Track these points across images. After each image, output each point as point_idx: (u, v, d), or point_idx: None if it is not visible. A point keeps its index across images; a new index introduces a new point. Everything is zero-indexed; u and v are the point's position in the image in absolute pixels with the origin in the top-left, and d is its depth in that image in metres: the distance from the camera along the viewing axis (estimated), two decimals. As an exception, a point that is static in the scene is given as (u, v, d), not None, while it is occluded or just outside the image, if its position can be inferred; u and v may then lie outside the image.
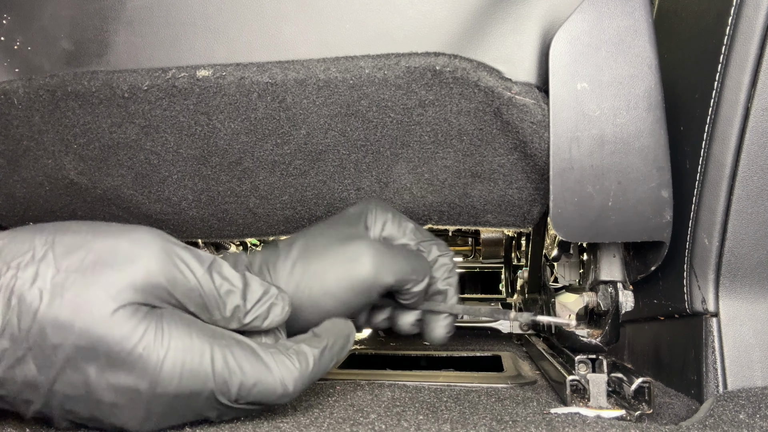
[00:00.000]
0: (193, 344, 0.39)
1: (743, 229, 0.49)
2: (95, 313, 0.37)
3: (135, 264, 0.38)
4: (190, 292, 0.40)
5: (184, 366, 0.38)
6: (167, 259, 0.39)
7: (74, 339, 0.36)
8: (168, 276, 0.39)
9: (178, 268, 0.39)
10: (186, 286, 0.40)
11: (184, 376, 0.38)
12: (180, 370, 0.38)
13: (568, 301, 0.68)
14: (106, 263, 0.38)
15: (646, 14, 0.48)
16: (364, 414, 0.46)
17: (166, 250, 0.39)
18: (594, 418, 0.44)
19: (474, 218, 0.60)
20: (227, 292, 0.41)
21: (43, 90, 0.53)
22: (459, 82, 0.49)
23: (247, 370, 0.40)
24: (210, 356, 0.39)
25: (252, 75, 0.50)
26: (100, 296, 0.37)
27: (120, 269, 0.38)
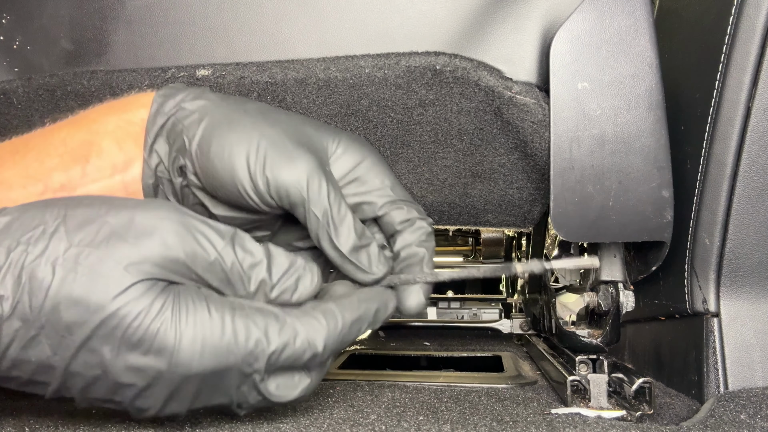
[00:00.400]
0: (213, 319, 0.37)
1: (744, 229, 0.49)
2: (110, 288, 0.35)
3: (151, 238, 0.36)
4: (211, 266, 0.38)
5: (205, 342, 0.36)
6: (185, 233, 0.37)
7: (88, 316, 0.35)
8: (187, 250, 0.37)
9: (197, 242, 0.37)
10: (206, 260, 0.38)
11: (206, 353, 0.36)
12: (200, 348, 0.36)
13: (568, 301, 0.68)
14: (121, 237, 0.36)
15: (646, 14, 0.47)
16: (364, 415, 0.46)
17: (184, 223, 0.37)
18: (595, 418, 0.44)
19: (474, 218, 0.60)
20: (251, 266, 0.39)
21: (43, 89, 0.53)
22: (459, 82, 0.49)
23: (272, 337, 0.38)
24: (232, 329, 0.37)
25: (252, 74, 0.50)
26: (116, 271, 0.35)
27: (136, 243, 0.36)
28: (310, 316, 0.39)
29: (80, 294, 0.35)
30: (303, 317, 0.39)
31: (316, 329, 0.39)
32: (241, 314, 0.38)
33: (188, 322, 0.36)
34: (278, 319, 0.38)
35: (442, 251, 1.33)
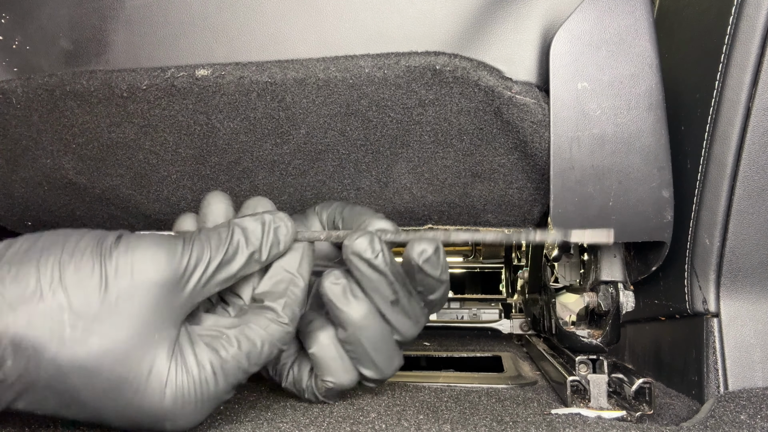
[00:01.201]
0: (205, 374, 0.38)
1: (744, 229, 0.49)
2: (128, 356, 0.35)
3: (147, 288, 0.36)
4: (203, 288, 0.39)
5: (204, 398, 0.38)
6: (174, 276, 0.37)
7: (99, 385, 0.35)
8: (182, 299, 0.37)
9: (185, 277, 0.38)
10: (198, 283, 0.38)
11: (204, 407, 0.38)
12: (200, 404, 0.38)
13: (568, 301, 0.68)
14: (119, 295, 0.35)
15: (646, 13, 0.47)
16: (364, 413, 0.45)
17: (170, 265, 0.37)
18: (595, 418, 0.44)
19: (474, 218, 0.60)
20: (235, 252, 0.40)
21: (42, 89, 0.53)
22: (459, 82, 0.49)
23: (253, 361, 0.40)
24: (223, 375, 0.38)
25: (251, 74, 0.50)
26: (131, 334, 0.35)
27: (137, 296, 0.35)
28: (263, 317, 0.42)
29: (93, 364, 0.35)
30: (259, 320, 0.41)
31: (276, 332, 0.41)
32: (227, 361, 0.39)
33: (188, 384, 0.37)
34: (251, 342, 0.40)
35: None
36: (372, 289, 0.44)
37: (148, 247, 0.37)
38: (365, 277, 0.43)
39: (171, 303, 0.37)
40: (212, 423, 0.44)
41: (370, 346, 0.44)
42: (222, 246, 0.40)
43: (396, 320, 0.45)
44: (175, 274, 0.37)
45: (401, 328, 0.45)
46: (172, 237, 0.39)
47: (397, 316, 0.45)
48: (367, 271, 0.43)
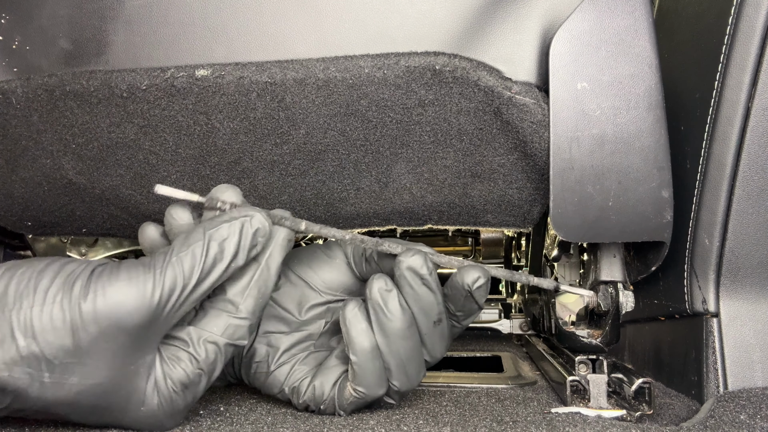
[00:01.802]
0: (176, 387, 0.40)
1: (744, 229, 0.49)
2: (105, 390, 0.37)
3: (128, 333, 0.37)
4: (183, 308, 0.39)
5: (175, 407, 0.41)
6: (146, 316, 0.37)
7: (82, 412, 0.38)
8: (156, 328, 0.38)
9: (159, 310, 0.38)
10: (172, 310, 0.39)
11: (179, 413, 0.42)
12: (176, 412, 0.41)
13: (568, 301, 0.68)
14: (98, 334, 0.36)
15: (646, 13, 0.47)
16: (364, 421, 0.45)
17: (141, 308, 0.37)
18: (595, 417, 0.44)
19: (474, 218, 0.60)
20: (211, 267, 0.39)
21: (42, 89, 0.53)
22: (459, 82, 0.49)
23: (217, 366, 0.41)
24: (191, 386, 0.41)
25: (251, 74, 0.50)
26: (106, 371, 0.37)
27: (116, 338, 0.36)
28: (223, 311, 0.42)
29: (72, 398, 0.38)
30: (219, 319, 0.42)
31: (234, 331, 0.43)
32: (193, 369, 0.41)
33: (164, 399, 0.41)
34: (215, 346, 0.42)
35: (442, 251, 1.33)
36: (420, 307, 0.44)
37: (117, 292, 0.36)
38: (417, 294, 0.43)
39: (145, 335, 0.38)
40: (212, 425, 0.44)
41: (407, 358, 0.44)
42: (197, 267, 0.39)
43: (431, 340, 0.45)
44: (147, 314, 0.37)
45: (434, 348, 0.46)
46: (143, 272, 0.37)
47: (433, 336, 0.45)
48: (420, 288, 0.43)
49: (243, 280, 0.42)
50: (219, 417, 0.46)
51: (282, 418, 0.46)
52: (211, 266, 0.39)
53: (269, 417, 0.46)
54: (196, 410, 0.48)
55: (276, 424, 0.44)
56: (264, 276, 0.43)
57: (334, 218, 0.61)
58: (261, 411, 0.48)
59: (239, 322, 0.42)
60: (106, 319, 0.36)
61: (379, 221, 0.62)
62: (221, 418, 0.46)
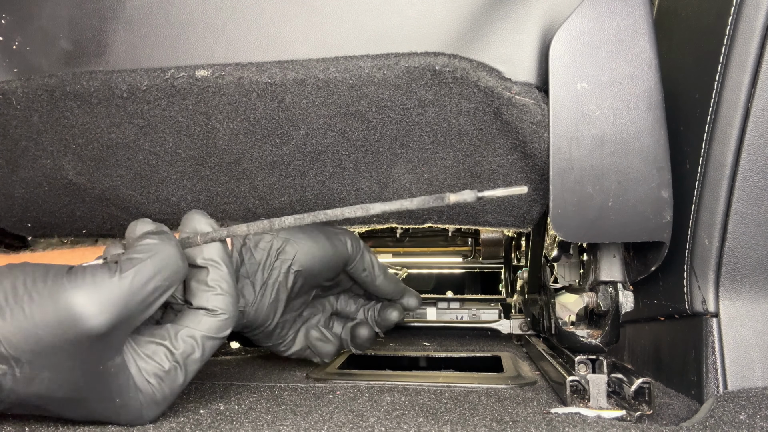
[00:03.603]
0: (152, 381, 0.42)
1: (743, 230, 0.49)
2: (77, 385, 0.39)
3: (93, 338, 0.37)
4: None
5: (156, 401, 0.42)
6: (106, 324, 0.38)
7: (59, 403, 0.39)
8: (118, 334, 0.39)
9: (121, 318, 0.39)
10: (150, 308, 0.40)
11: (158, 408, 0.43)
12: (154, 404, 0.42)
13: (568, 301, 0.68)
14: (63, 340, 0.37)
15: (646, 14, 0.47)
16: (364, 418, 0.46)
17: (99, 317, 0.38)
18: (594, 418, 0.44)
19: (474, 218, 0.60)
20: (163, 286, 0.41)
21: (42, 90, 0.53)
22: (459, 82, 0.49)
23: (195, 363, 0.43)
24: (170, 380, 0.42)
25: (251, 75, 0.50)
26: (76, 371, 0.38)
27: (80, 344, 0.37)
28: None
29: (45, 393, 0.39)
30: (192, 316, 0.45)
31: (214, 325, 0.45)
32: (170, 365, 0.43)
33: (142, 394, 0.42)
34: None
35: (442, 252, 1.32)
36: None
37: (80, 298, 0.37)
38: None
39: (108, 339, 0.39)
40: (212, 423, 0.44)
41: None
42: (155, 280, 0.40)
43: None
44: (110, 320, 0.38)
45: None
46: (108, 277, 0.38)
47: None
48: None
49: (207, 280, 0.45)
50: (219, 416, 0.46)
51: (282, 416, 0.46)
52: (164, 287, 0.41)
53: (269, 415, 0.46)
54: (196, 409, 0.48)
55: (276, 422, 0.44)
56: (217, 274, 0.45)
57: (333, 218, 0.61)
58: (261, 409, 0.48)
59: (216, 318, 0.44)
60: (70, 325, 0.37)
61: (378, 221, 0.62)
62: (221, 416, 0.46)
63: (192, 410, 0.48)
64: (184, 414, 0.47)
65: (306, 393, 0.55)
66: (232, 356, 0.84)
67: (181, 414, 0.47)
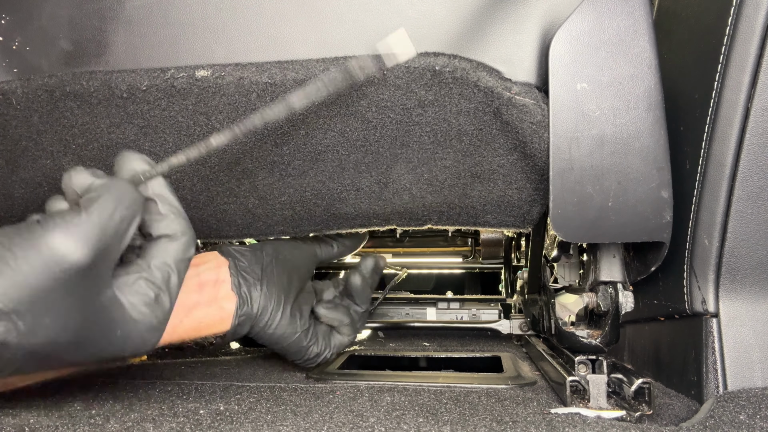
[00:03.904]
0: (145, 312, 0.43)
1: (743, 230, 0.49)
2: (80, 327, 0.40)
3: (79, 271, 0.39)
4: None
5: (152, 325, 0.44)
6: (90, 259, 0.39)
7: (65, 348, 0.40)
8: (103, 268, 0.41)
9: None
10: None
11: (156, 331, 0.44)
12: (154, 329, 0.44)
13: (568, 301, 0.68)
14: (55, 281, 0.38)
15: (645, 14, 0.47)
16: (364, 418, 0.46)
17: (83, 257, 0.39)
18: (594, 418, 0.44)
19: (473, 218, 0.60)
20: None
21: (42, 90, 0.53)
22: (458, 83, 0.49)
23: (177, 285, 0.46)
24: (161, 311, 0.44)
25: (251, 75, 0.50)
26: (74, 313, 0.39)
27: (71, 280, 0.39)
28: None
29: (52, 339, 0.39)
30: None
31: (178, 247, 0.47)
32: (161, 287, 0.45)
33: (140, 315, 0.44)
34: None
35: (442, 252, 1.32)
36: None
37: (59, 239, 0.38)
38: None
39: (96, 272, 0.40)
40: (212, 423, 0.44)
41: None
42: (119, 213, 0.42)
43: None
44: (90, 252, 0.39)
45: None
46: (76, 215, 0.40)
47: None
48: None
49: (159, 210, 0.46)
50: (219, 416, 0.46)
51: (282, 416, 0.46)
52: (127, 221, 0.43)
53: (269, 415, 0.46)
54: (196, 409, 0.48)
55: (276, 422, 0.44)
56: (166, 203, 0.46)
57: (333, 218, 0.61)
58: (261, 409, 0.48)
59: (177, 241, 0.46)
60: (55, 264, 0.38)
61: (378, 221, 0.62)
62: (221, 417, 0.46)
63: (192, 410, 0.48)
64: (184, 414, 0.47)
65: (306, 393, 0.55)
66: (232, 356, 0.84)
67: (181, 414, 0.47)
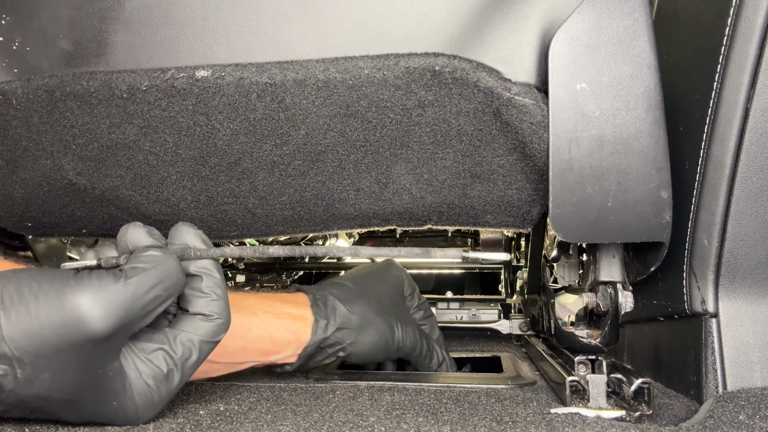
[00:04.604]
0: (149, 382, 0.42)
1: (743, 230, 0.49)
2: (76, 387, 0.39)
3: (95, 340, 0.38)
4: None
5: (150, 401, 0.42)
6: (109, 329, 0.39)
7: (58, 405, 0.39)
8: (115, 340, 0.40)
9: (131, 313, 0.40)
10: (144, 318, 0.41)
11: (153, 408, 0.43)
12: (149, 406, 0.43)
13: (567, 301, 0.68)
14: (67, 341, 0.38)
15: (645, 14, 0.48)
16: (364, 417, 0.46)
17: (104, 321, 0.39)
18: (594, 418, 0.44)
19: (473, 219, 0.60)
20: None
21: (42, 90, 0.53)
22: (458, 83, 0.49)
23: (191, 365, 0.44)
24: (165, 380, 0.43)
25: (251, 75, 0.50)
26: (76, 373, 0.38)
27: (83, 346, 0.38)
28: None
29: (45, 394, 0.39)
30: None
31: (211, 329, 0.45)
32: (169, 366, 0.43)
33: (138, 397, 0.43)
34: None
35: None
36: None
37: (85, 302, 0.38)
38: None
39: (109, 343, 0.40)
40: (212, 424, 0.44)
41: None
42: (156, 290, 0.41)
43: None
44: (112, 324, 0.39)
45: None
46: (113, 282, 0.39)
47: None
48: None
49: (202, 287, 0.45)
50: (219, 416, 0.46)
51: (282, 416, 0.46)
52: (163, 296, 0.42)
53: (269, 415, 0.46)
54: (196, 410, 0.48)
55: (276, 422, 0.44)
56: (211, 282, 0.45)
57: (333, 218, 0.61)
58: (261, 410, 0.48)
59: (212, 322, 0.45)
60: (74, 326, 0.37)
61: (378, 222, 0.62)
62: (221, 417, 0.46)
63: (192, 410, 0.48)
64: (184, 414, 0.47)
65: (306, 393, 0.55)
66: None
67: (181, 414, 0.47)
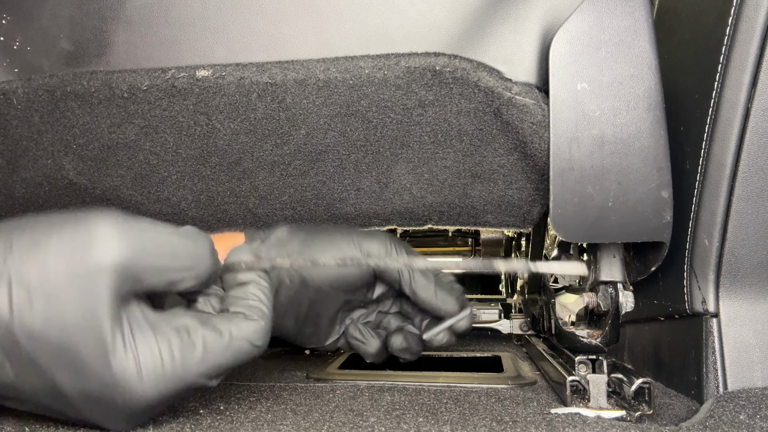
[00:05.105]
0: (162, 348, 0.38)
1: (743, 230, 0.49)
2: (68, 324, 0.36)
3: (101, 269, 0.37)
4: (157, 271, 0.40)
5: (158, 374, 0.38)
6: (134, 253, 0.38)
7: (49, 349, 0.36)
8: (138, 256, 0.38)
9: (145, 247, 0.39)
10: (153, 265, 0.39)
11: (160, 382, 0.38)
12: (155, 380, 0.38)
13: (568, 301, 0.68)
14: (71, 267, 0.37)
15: (646, 14, 0.48)
16: (364, 418, 0.46)
17: (130, 228, 0.38)
18: (594, 418, 0.44)
19: (474, 218, 0.60)
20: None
21: (43, 90, 0.53)
22: (459, 83, 0.49)
23: (216, 350, 0.40)
24: (180, 354, 0.39)
25: (251, 75, 0.50)
26: (72, 305, 0.36)
27: (87, 275, 0.37)
28: (240, 318, 0.43)
29: (39, 330, 0.36)
30: (237, 322, 0.42)
31: (253, 329, 0.43)
32: (184, 337, 0.40)
33: (141, 359, 0.38)
34: (217, 332, 0.41)
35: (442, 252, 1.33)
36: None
37: (93, 228, 0.37)
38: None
39: (113, 287, 0.38)
40: (212, 423, 0.44)
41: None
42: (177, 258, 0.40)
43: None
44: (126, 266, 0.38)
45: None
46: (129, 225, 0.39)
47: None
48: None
49: (247, 291, 0.45)
50: (219, 415, 0.46)
51: (282, 416, 0.46)
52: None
53: (269, 415, 0.46)
54: (196, 409, 0.48)
55: (276, 421, 0.44)
56: (257, 288, 0.45)
57: (334, 218, 0.61)
58: (261, 409, 0.48)
59: (253, 322, 0.43)
60: (82, 249, 0.37)
61: (379, 221, 0.62)
62: (221, 416, 0.46)
63: (192, 410, 0.48)
64: (184, 414, 0.47)
65: (306, 392, 0.55)
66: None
67: (181, 414, 0.47)
